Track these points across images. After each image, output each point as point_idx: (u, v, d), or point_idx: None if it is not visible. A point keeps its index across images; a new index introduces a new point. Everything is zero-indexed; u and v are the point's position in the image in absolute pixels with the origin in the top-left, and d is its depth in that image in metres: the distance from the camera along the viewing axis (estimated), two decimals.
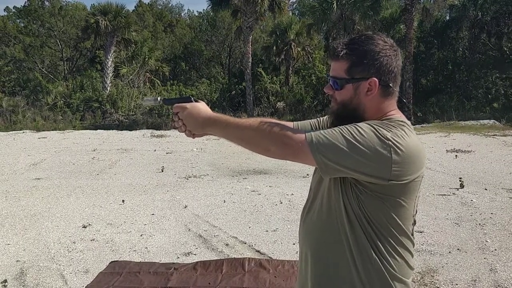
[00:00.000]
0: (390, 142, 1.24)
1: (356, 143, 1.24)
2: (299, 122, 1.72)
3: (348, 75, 1.36)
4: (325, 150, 1.25)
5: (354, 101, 1.37)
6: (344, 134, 1.25)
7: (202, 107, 1.49)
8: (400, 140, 1.26)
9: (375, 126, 1.28)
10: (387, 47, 1.37)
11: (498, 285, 3.66)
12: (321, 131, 1.29)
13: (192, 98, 1.50)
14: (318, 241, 1.43)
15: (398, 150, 1.25)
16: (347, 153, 1.24)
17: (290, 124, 1.68)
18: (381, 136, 1.25)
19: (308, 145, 1.26)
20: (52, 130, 19.34)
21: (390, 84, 1.37)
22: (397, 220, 1.33)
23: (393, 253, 1.34)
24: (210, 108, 1.51)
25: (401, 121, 1.35)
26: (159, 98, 1.58)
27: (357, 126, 1.27)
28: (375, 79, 1.34)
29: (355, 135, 1.25)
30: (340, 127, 1.29)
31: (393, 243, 1.34)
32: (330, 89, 1.42)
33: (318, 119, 1.71)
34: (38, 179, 8.28)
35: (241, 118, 1.50)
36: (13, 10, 32.31)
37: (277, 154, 1.33)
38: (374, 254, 1.33)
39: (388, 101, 1.39)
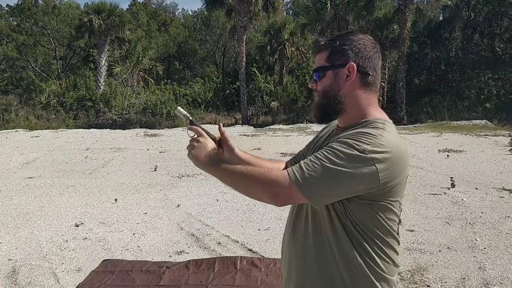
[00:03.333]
0: (371, 155, 1.25)
1: (339, 167, 1.24)
2: (295, 155, 1.74)
3: (328, 62, 1.42)
4: (313, 188, 1.26)
5: (334, 87, 1.41)
6: (326, 164, 1.26)
7: (210, 149, 1.51)
8: (380, 148, 1.26)
9: (351, 143, 1.27)
10: (366, 39, 1.43)
11: (487, 283, 3.70)
12: (304, 168, 1.28)
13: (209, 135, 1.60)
14: (302, 249, 1.45)
15: (381, 158, 1.25)
16: (335, 182, 1.25)
17: (282, 164, 1.71)
18: (360, 152, 1.25)
19: (297, 188, 1.27)
20: (45, 129, 19.28)
21: (369, 72, 1.40)
22: (383, 222, 1.34)
23: (380, 253, 1.35)
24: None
25: (380, 123, 1.36)
26: (190, 116, 1.67)
27: (334, 150, 1.27)
28: (353, 63, 1.38)
29: (335, 159, 1.25)
30: (319, 156, 1.28)
31: (379, 244, 1.35)
32: (313, 83, 1.48)
33: (308, 145, 1.72)
34: (31, 178, 8.25)
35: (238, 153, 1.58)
36: (6, 8, 32.16)
37: (271, 203, 1.36)
38: (359, 259, 1.34)
39: (368, 93, 1.42)
